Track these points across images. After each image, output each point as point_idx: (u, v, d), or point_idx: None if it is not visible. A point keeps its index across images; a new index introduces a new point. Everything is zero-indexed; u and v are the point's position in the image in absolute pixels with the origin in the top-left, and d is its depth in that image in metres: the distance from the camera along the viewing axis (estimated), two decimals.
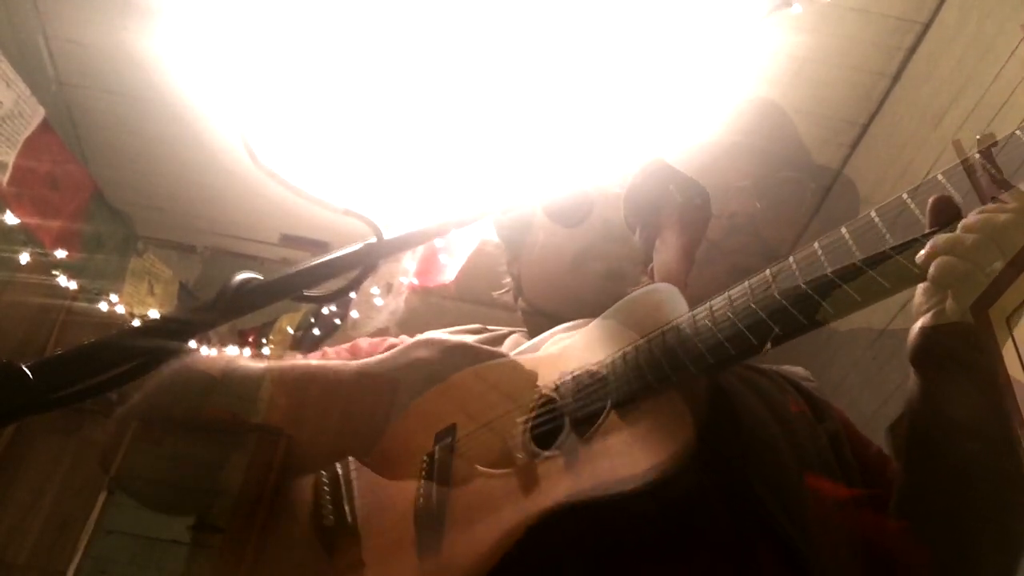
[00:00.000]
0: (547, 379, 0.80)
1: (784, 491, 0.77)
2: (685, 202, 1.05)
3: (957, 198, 0.65)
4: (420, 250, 3.30)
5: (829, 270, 0.65)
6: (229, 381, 0.94)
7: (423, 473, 0.79)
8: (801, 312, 0.65)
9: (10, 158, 2.73)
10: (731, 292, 0.71)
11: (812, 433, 0.88)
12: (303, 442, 0.90)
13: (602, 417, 0.71)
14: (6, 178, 2.73)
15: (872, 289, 0.63)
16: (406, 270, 3.42)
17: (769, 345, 0.66)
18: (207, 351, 4.28)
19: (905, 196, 0.66)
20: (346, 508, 0.81)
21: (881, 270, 0.63)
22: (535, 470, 0.71)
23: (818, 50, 2.86)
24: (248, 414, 0.89)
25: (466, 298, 3.62)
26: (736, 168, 1.04)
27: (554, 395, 0.77)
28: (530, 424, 0.77)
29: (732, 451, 0.77)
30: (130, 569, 3.84)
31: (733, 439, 0.77)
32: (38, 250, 3.23)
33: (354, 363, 0.95)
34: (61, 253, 3.23)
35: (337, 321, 3.82)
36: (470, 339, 0.97)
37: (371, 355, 0.96)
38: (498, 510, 0.69)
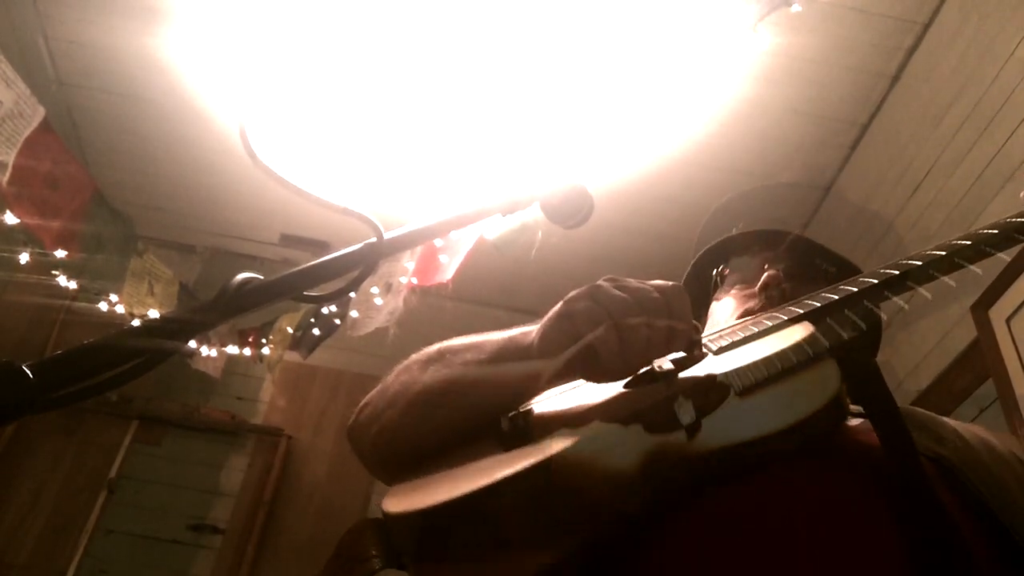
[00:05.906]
0: None
1: None
2: (749, 243, 1.10)
3: None
4: (419, 249, 3.30)
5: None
6: None
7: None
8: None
9: (10, 158, 2.73)
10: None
11: None
12: None
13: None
14: (6, 178, 2.73)
15: None
16: (405, 269, 3.42)
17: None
18: (207, 351, 4.25)
19: None
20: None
21: None
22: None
23: (818, 50, 2.86)
24: None
25: (464, 298, 3.62)
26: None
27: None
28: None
29: None
30: (130, 569, 3.84)
31: None
32: (38, 250, 3.23)
33: None
34: (61, 253, 3.23)
35: (337, 321, 3.82)
36: None
37: None
38: None
